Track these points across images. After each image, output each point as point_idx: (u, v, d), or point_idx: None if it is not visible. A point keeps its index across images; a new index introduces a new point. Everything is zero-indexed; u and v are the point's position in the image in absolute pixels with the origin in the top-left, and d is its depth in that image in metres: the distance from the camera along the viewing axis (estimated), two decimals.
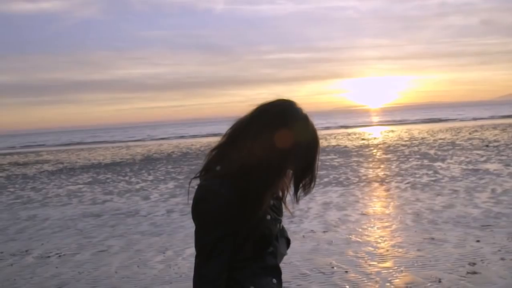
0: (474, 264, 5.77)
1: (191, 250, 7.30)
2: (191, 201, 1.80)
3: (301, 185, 1.88)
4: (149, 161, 24.82)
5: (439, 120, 58.57)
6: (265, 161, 1.72)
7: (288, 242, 2.10)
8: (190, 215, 7.49)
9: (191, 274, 6.37)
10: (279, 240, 1.97)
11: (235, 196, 1.72)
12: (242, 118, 1.83)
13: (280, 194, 1.97)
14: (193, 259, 6.08)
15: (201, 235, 1.77)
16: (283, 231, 2.09)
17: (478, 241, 6.71)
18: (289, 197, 1.98)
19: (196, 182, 1.85)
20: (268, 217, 1.86)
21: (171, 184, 15.21)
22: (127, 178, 18.03)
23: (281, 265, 1.95)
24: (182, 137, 58.86)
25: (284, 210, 2.02)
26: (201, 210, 1.75)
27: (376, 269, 5.83)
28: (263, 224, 1.83)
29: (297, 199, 1.91)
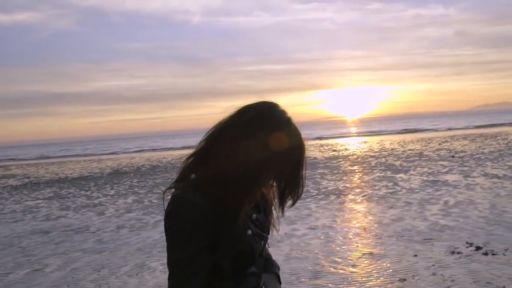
0: (404, 280, 5.67)
1: (127, 269, 7.11)
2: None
3: (286, 194, 1.71)
4: (116, 175, 24.51)
5: (414, 131, 59.00)
6: (241, 169, 1.56)
7: (278, 279, 1.92)
8: (138, 231, 7.36)
9: None
10: (264, 276, 1.80)
11: (210, 206, 1.55)
12: (220, 122, 1.68)
13: (265, 206, 1.80)
14: (125, 278, 5.84)
15: (173, 251, 1.57)
16: (272, 266, 1.91)
17: (415, 255, 6.62)
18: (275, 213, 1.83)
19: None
20: (249, 232, 1.67)
21: (130, 199, 14.96)
22: (89, 193, 17.73)
23: None
24: (156, 149, 58.42)
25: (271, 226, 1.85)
26: (172, 222, 1.57)
27: (304, 287, 5.70)
28: (242, 239, 1.64)
29: (282, 210, 1.75)
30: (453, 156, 21.00)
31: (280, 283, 1.92)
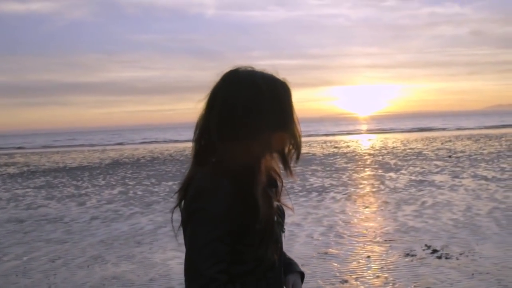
0: (345, 281, 5.56)
1: (80, 260, 7.08)
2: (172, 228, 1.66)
3: (286, 154, 1.64)
4: (113, 166, 24.55)
5: (423, 130, 58.49)
6: (246, 145, 1.53)
7: (302, 277, 1.84)
8: (109, 223, 7.29)
9: (63, 285, 6.06)
10: (292, 276, 1.75)
11: (235, 191, 1.51)
12: (201, 114, 1.63)
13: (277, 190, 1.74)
14: (75, 269, 5.71)
15: (199, 234, 1.50)
16: (294, 265, 1.83)
17: (368, 257, 6.51)
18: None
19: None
20: (275, 218, 1.62)
21: (116, 190, 14.95)
22: (80, 182, 17.75)
23: None
24: (160, 142, 58.39)
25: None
26: (204, 204, 1.50)
27: None
28: (271, 225, 1.57)
29: (290, 171, 1.67)
30: (450, 156, 20.76)
31: (303, 280, 1.84)
